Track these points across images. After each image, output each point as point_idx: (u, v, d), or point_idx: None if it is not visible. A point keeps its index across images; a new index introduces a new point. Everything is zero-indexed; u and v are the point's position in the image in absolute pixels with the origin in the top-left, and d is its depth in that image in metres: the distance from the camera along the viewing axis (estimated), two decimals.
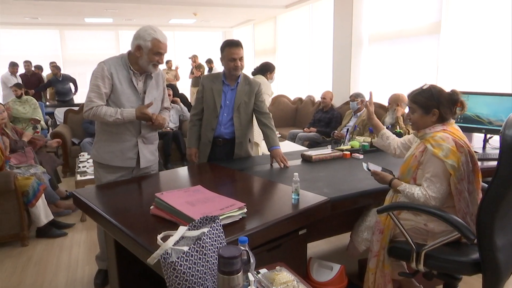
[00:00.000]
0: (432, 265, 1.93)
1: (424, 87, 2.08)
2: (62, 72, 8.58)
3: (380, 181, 2.18)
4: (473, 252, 1.89)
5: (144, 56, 2.41)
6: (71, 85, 8.70)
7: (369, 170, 2.23)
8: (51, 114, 7.30)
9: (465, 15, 4.51)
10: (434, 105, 2.01)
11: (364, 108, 5.17)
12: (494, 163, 2.63)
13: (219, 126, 2.95)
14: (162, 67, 9.69)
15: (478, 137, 3.37)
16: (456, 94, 2.04)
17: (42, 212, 3.49)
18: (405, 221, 2.04)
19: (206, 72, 9.52)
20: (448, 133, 1.97)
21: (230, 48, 2.83)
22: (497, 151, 1.90)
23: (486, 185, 1.81)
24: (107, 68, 2.40)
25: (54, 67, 8.46)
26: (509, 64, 4.07)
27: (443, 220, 1.85)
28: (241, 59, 2.84)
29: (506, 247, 1.79)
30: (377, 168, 2.23)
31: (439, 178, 1.93)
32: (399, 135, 3.60)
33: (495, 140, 3.20)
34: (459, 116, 3.16)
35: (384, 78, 5.93)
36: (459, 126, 2.12)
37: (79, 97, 9.64)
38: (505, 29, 4.07)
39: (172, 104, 5.99)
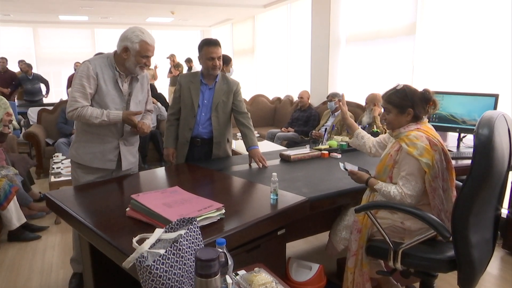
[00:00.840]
0: (409, 263, 1.95)
1: (398, 87, 2.10)
2: (35, 70, 8.32)
3: (357, 180, 2.20)
4: (448, 250, 1.92)
5: (131, 58, 2.35)
6: (42, 86, 8.42)
7: (346, 169, 2.25)
8: (24, 114, 7.09)
9: (440, 16, 4.60)
10: (408, 104, 2.04)
11: None
12: (468, 161, 2.69)
13: (197, 126, 2.92)
14: None
15: (452, 136, 3.44)
16: (429, 93, 2.08)
17: (14, 215, 3.38)
18: (382, 219, 2.06)
19: (185, 71, 9.44)
20: (422, 132, 2.00)
21: (209, 47, 2.79)
22: (471, 150, 1.94)
23: (461, 183, 1.85)
24: (93, 68, 2.34)
25: (26, 64, 8.16)
26: (482, 64, 4.17)
27: (419, 218, 1.87)
28: (219, 58, 2.82)
29: (480, 243, 1.83)
30: (354, 168, 2.24)
31: (414, 176, 1.96)
32: (376, 134, 3.64)
33: (469, 139, 3.28)
34: (434, 115, 3.22)
35: (361, 78, 5.99)
36: (434, 125, 2.16)
37: (54, 97, 9.40)
38: (479, 29, 4.17)
39: None
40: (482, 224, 1.86)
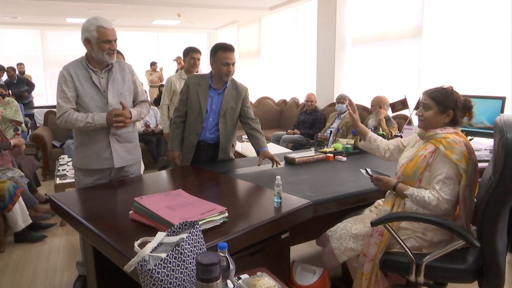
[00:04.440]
0: (433, 276, 1.86)
1: (445, 87, 1.98)
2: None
3: (383, 186, 2.08)
4: (470, 258, 1.88)
5: (95, 47, 2.37)
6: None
7: (371, 175, 2.11)
8: (31, 116, 7.14)
9: (446, 18, 4.58)
10: (451, 106, 1.93)
11: (348, 110, 5.18)
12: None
13: (204, 131, 2.89)
14: (146, 68, 9.61)
15: None
16: (469, 102, 1.97)
17: (20, 217, 3.39)
18: (402, 230, 1.98)
19: None
20: (460, 137, 1.91)
21: (224, 53, 2.74)
22: (478, 153, 1.89)
23: None
24: (67, 73, 2.39)
25: (10, 68, 8.11)
26: (489, 67, 4.14)
27: (446, 228, 1.79)
28: (233, 64, 2.77)
29: (504, 250, 1.79)
30: (370, 171, 2.15)
31: (452, 180, 1.86)
32: (382, 137, 3.62)
33: (475, 141, 3.24)
34: None
35: (367, 81, 5.97)
36: None
37: None
38: (485, 32, 4.13)
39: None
40: (504, 230, 1.81)
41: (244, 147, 4.70)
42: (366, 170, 2.16)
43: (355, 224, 2.12)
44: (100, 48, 2.36)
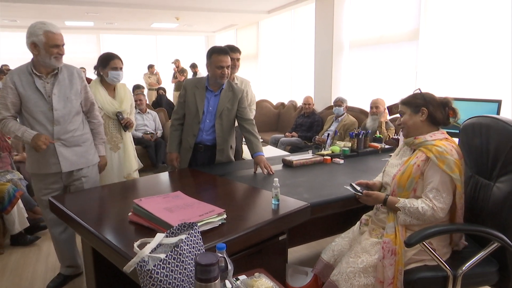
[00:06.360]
0: (468, 284, 1.82)
1: (415, 91, 2.04)
2: None
3: (373, 202, 2.00)
4: (494, 260, 1.90)
5: (42, 52, 2.35)
6: None
7: (360, 192, 2.02)
8: None
9: (443, 22, 4.61)
10: (421, 103, 1.95)
11: (345, 113, 5.22)
12: None
13: (201, 133, 2.92)
14: (144, 71, 9.56)
15: None
16: (446, 98, 1.99)
17: (17, 219, 3.39)
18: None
19: (189, 77, 9.47)
20: (450, 142, 1.89)
21: (218, 55, 2.77)
22: None
23: None
24: (10, 78, 2.37)
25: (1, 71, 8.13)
26: (485, 70, 4.17)
27: (487, 235, 1.77)
28: (228, 67, 2.80)
29: None
30: (357, 187, 2.09)
31: (445, 188, 1.82)
32: (379, 140, 3.65)
33: None
34: None
35: (364, 84, 6.01)
36: None
37: None
38: (482, 35, 4.17)
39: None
40: None
41: (247, 150, 4.71)
42: (352, 185, 2.09)
43: (358, 257, 1.92)
44: (48, 53, 2.35)
